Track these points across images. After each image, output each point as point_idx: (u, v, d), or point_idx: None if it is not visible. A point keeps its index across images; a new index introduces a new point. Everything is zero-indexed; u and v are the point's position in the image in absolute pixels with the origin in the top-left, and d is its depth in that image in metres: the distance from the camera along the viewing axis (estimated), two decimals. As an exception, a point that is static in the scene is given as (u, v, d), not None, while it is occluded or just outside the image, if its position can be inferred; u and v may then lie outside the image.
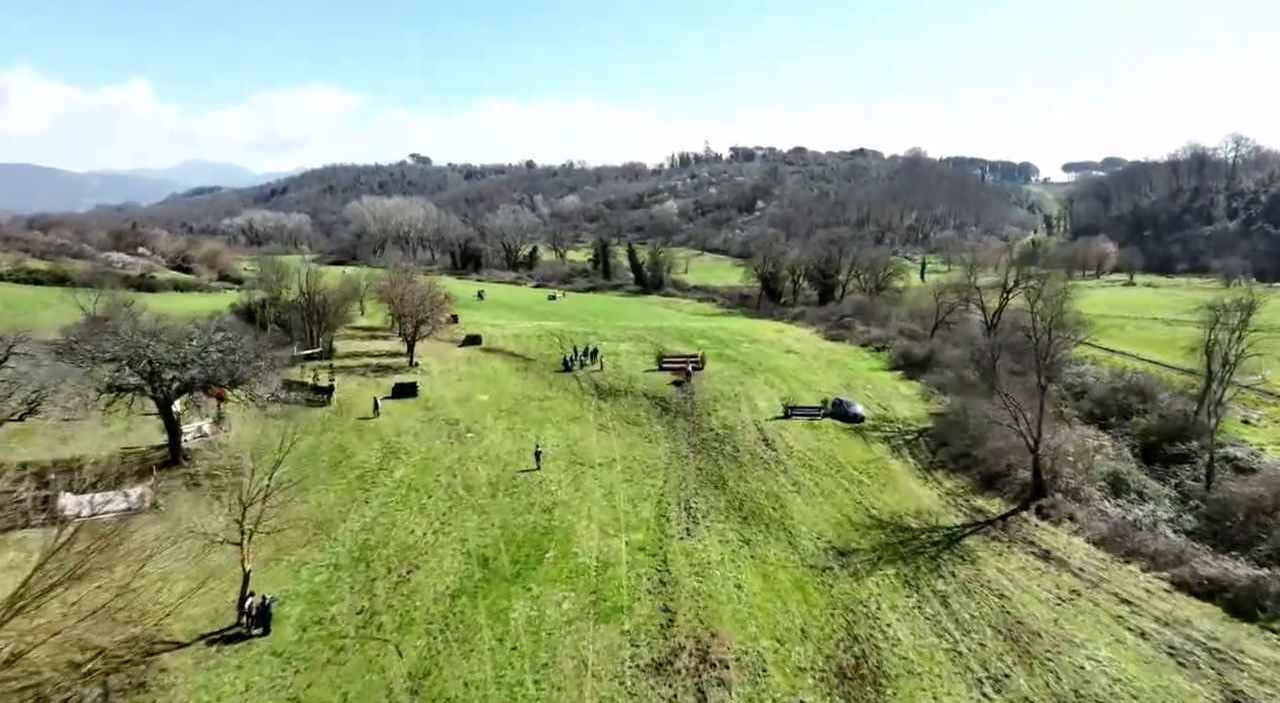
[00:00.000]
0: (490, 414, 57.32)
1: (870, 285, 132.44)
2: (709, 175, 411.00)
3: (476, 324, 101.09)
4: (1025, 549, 38.77)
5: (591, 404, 62.98)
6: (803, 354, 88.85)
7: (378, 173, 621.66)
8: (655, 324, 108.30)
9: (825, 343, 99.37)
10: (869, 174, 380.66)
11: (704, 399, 64.76)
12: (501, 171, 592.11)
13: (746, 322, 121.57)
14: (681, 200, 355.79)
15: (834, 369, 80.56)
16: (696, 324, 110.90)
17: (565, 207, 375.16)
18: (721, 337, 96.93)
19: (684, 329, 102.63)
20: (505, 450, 49.91)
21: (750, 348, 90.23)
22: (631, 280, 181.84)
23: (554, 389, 67.33)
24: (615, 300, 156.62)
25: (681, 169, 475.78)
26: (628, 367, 76.28)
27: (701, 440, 54.98)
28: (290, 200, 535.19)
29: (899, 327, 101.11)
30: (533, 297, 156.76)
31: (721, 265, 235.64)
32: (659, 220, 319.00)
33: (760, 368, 77.71)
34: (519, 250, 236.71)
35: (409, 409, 56.58)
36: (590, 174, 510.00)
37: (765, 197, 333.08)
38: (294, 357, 66.68)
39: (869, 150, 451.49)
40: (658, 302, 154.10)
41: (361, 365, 69.60)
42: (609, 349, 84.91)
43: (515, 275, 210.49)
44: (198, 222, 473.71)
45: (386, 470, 44.61)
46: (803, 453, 52.71)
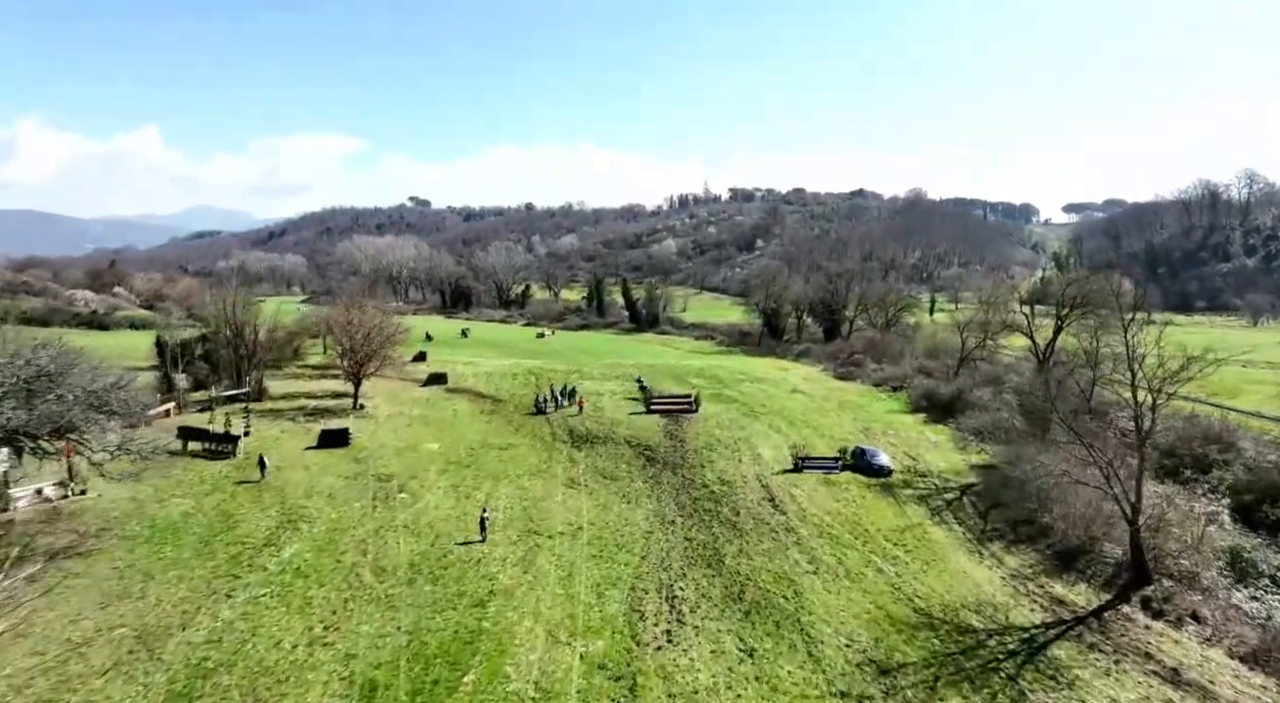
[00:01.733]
0: (435, 467, 46.61)
1: (880, 321, 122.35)
2: (708, 215, 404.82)
3: (447, 362, 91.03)
4: (1141, 666, 27.80)
5: (563, 454, 52.34)
6: (811, 395, 78.40)
7: (376, 215, 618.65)
8: (650, 362, 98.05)
9: (835, 382, 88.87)
10: (869, 213, 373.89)
11: (698, 447, 54.19)
12: (500, 213, 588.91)
13: (747, 360, 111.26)
14: (680, 240, 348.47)
15: (847, 412, 70.03)
16: (693, 362, 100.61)
17: (562, 246, 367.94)
18: (720, 375, 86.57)
19: (679, 367, 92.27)
20: (443, 515, 39.12)
21: (752, 388, 79.80)
22: (626, 318, 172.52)
23: (521, 435, 56.78)
24: (609, 338, 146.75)
25: (680, 210, 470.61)
26: (611, 409, 65.82)
27: (693, 500, 44.23)
28: (288, 242, 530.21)
29: (915, 364, 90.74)
30: (521, 335, 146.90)
31: (721, 304, 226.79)
32: (657, 259, 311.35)
33: (764, 410, 67.22)
34: (511, 289, 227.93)
35: (333, 462, 45.87)
36: (589, 215, 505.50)
37: (765, 235, 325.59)
38: (211, 399, 56.14)
39: (869, 191, 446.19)
40: (653, 339, 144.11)
41: (296, 409, 59.03)
42: (592, 389, 74.51)
43: (506, 314, 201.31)
44: (194, 264, 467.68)
45: (274, 547, 33.79)
46: (819, 517, 41.93)
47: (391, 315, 74.24)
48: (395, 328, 67.24)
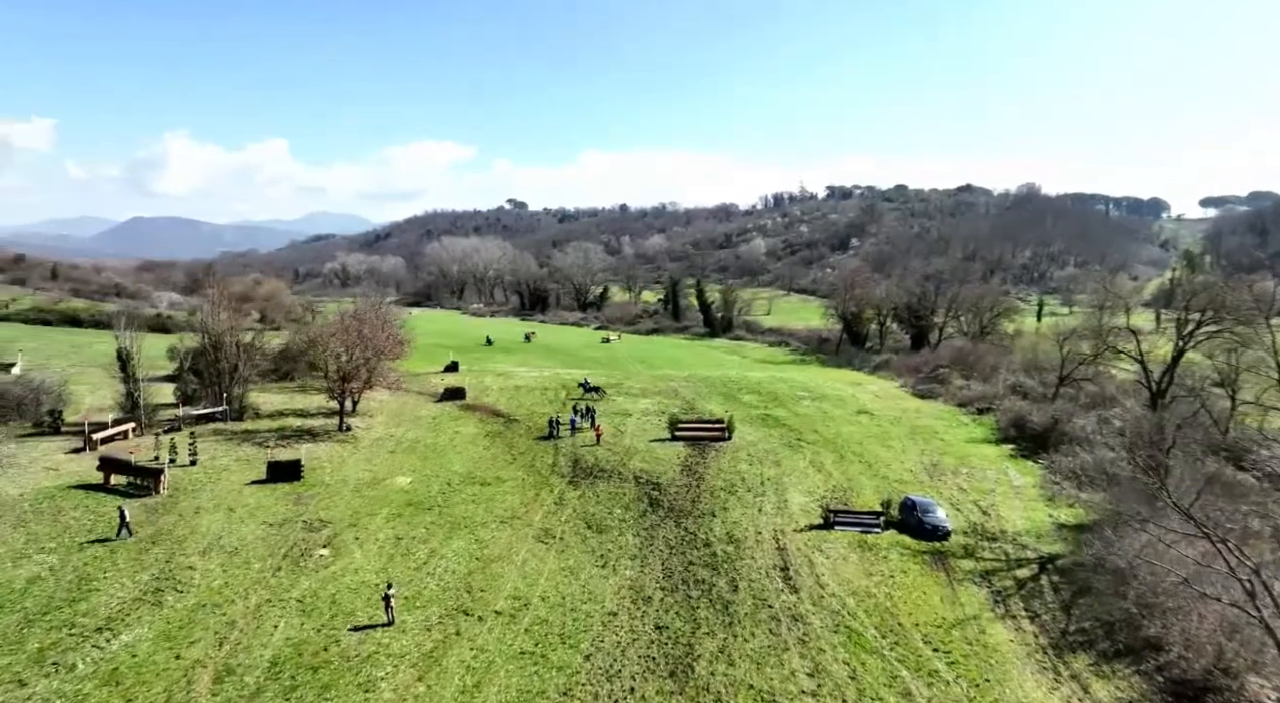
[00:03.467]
0: (388, 511, 39.24)
1: (973, 329, 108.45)
2: (800, 214, 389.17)
3: (481, 371, 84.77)
4: None
5: (554, 492, 44.16)
6: (878, 415, 67.51)
7: (474, 218, 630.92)
8: (705, 373, 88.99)
9: (911, 401, 77.17)
10: (976, 210, 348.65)
11: (716, 487, 45.00)
12: (594, 215, 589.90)
13: (819, 371, 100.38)
14: (770, 239, 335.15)
15: (917, 439, 58.99)
16: (755, 374, 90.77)
17: (650, 247, 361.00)
18: (778, 391, 76.70)
19: (736, 380, 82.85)
20: (357, 583, 31.44)
21: (811, 407, 69.65)
22: (702, 322, 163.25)
23: (516, 466, 49.00)
24: (676, 344, 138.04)
25: (774, 209, 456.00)
26: (634, 432, 57.40)
27: (686, 565, 35.14)
28: (392, 245, 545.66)
29: (1009, 381, 77.89)
30: (587, 339, 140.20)
31: (808, 306, 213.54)
32: (745, 260, 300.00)
33: (813, 438, 57.22)
34: (588, 291, 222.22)
35: (271, 502, 39.14)
36: (680, 216, 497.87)
37: (860, 234, 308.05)
38: (178, 418, 50.88)
39: (977, 187, 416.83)
40: (723, 346, 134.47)
41: (274, 430, 53.11)
42: (621, 407, 66.36)
43: (581, 317, 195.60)
44: (305, 267, 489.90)
45: (110, 632, 26.31)
46: (841, 599, 32.09)
47: (392, 323, 67.65)
48: (388, 339, 60.48)
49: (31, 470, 40.02)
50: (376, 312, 66.92)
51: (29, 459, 41.80)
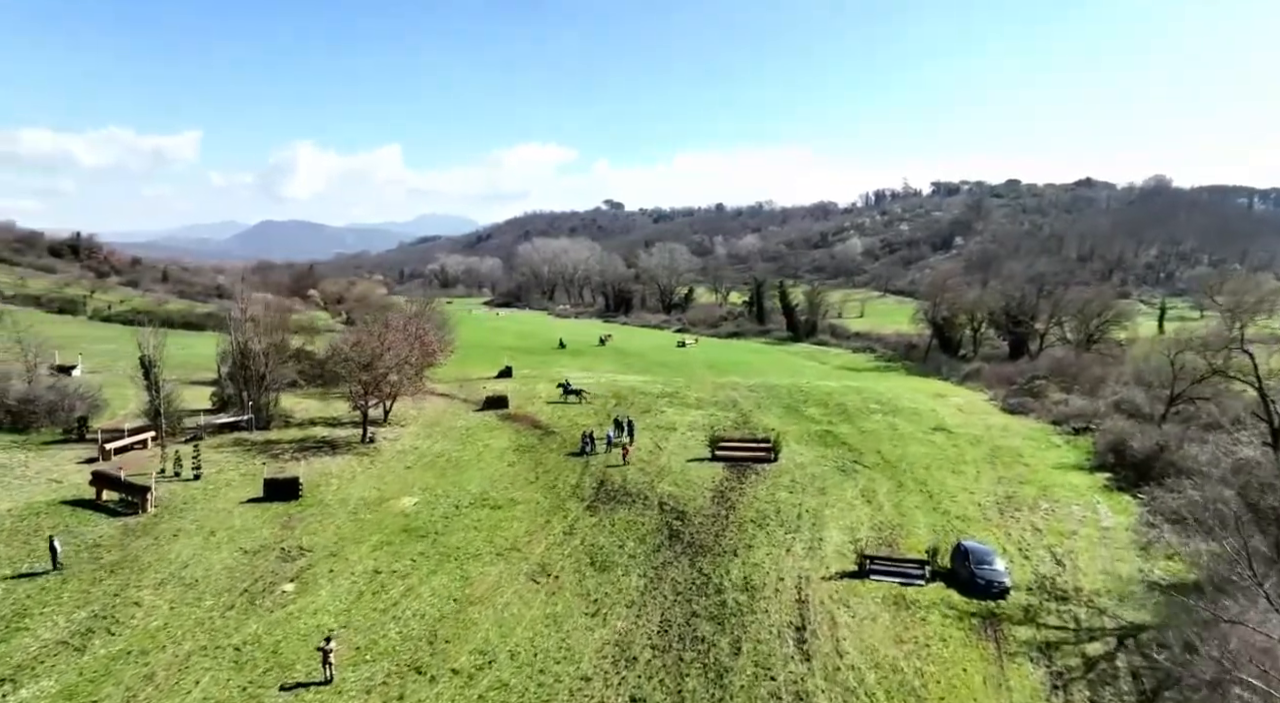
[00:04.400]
0: (378, 538, 36.31)
1: (1080, 336, 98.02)
2: (901, 211, 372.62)
3: (535, 378, 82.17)
4: None
5: (566, 519, 40.37)
6: (956, 434, 60.64)
7: (571, 219, 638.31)
8: (774, 381, 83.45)
9: (999, 417, 69.39)
10: (1096, 205, 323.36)
11: (746, 519, 40.15)
12: (690, 214, 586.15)
13: (901, 380, 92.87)
14: (868, 238, 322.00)
15: (995, 464, 52.11)
16: (828, 383, 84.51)
17: (743, 247, 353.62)
18: (848, 403, 70.62)
19: (805, 390, 77.08)
20: (315, 625, 28.39)
21: (880, 423, 63.42)
22: (786, 325, 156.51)
23: (535, 486, 45.52)
24: (754, 348, 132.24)
25: (874, 206, 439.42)
26: (674, 450, 53.08)
27: (688, 617, 30.59)
28: (491, 246, 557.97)
29: (1114, 397, 68.90)
30: (662, 343, 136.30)
31: (903, 309, 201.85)
32: (840, 259, 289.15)
33: (872, 459, 51.40)
34: (673, 292, 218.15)
35: (257, 525, 36.73)
36: (776, 214, 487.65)
37: (965, 232, 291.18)
38: (198, 427, 49.85)
39: (1098, 180, 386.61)
40: (803, 351, 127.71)
41: (297, 441, 51.36)
42: (669, 421, 62.16)
43: (664, 318, 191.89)
44: (410, 267, 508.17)
45: (15, 683, 23.82)
46: (859, 675, 26.79)
47: (428, 330, 65.22)
48: (420, 347, 57.95)
49: (34, 483, 39.39)
50: (409, 320, 64.80)
51: (37, 470, 41.33)
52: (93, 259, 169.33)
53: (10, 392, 46.87)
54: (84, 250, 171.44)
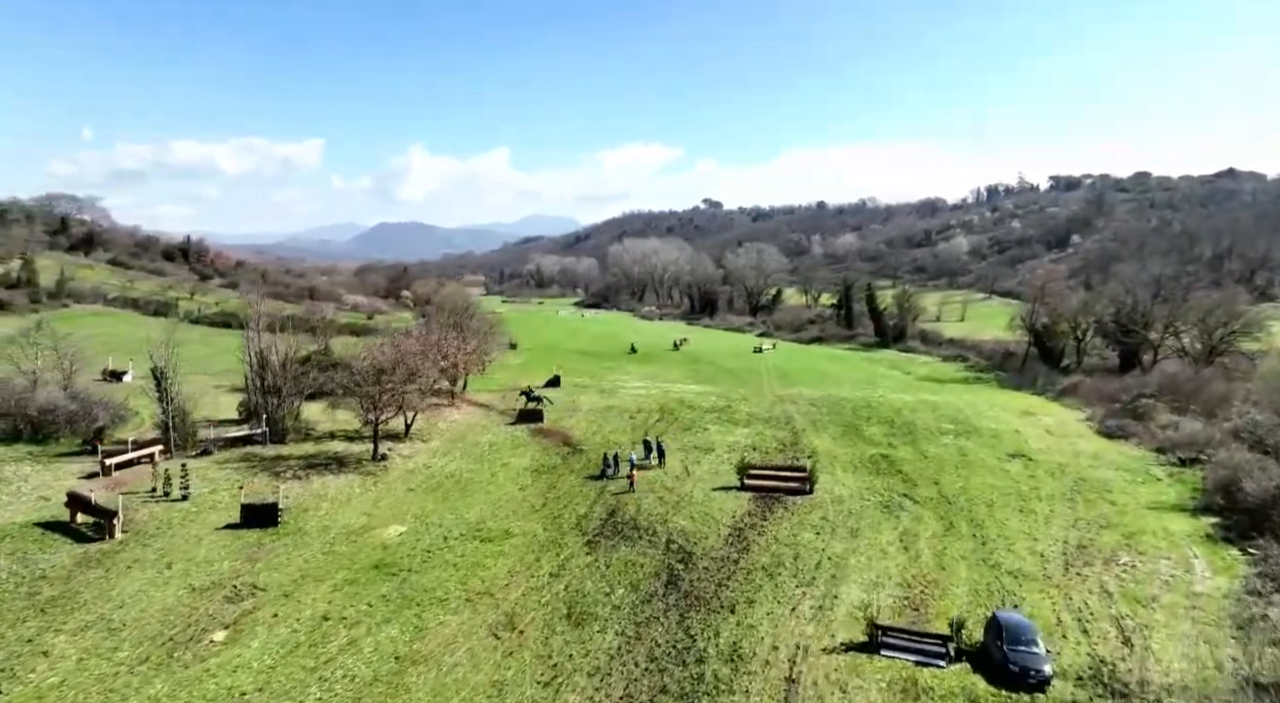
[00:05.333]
0: (344, 575, 33.40)
1: (1201, 347, 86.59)
2: (1014, 207, 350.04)
3: (586, 387, 79.03)
4: None
5: (559, 557, 36.58)
6: (1037, 462, 53.51)
7: (668, 218, 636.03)
8: (842, 394, 77.47)
9: (1092, 441, 61.19)
10: (1239, 198, 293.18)
11: (757, 564, 35.36)
12: (790, 212, 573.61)
13: (989, 394, 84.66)
14: (975, 236, 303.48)
15: (1077, 502, 45.04)
16: (903, 396, 77.70)
17: (840, 246, 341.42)
18: (917, 422, 64.31)
19: (873, 405, 71.01)
20: (227, 688, 25.28)
21: (948, 447, 56.98)
22: (873, 330, 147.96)
23: (538, 516, 42.02)
24: (834, 355, 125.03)
25: (985, 202, 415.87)
26: (704, 475, 48.65)
27: (655, 694, 26.13)
28: (589, 246, 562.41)
29: (1235, 423, 59.39)
30: (738, 347, 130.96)
31: (1008, 311, 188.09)
32: (943, 259, 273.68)
33: (926, 492, 45.49)
34: (760, 294, 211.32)
35: (223, 554, 34.34)
36: (880, 212, 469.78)
37: (1083, 230, 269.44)
38: (209, 442, 48.57)
39: (1241, 171, 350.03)
40: (887, 359, 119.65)
41: (308, 455, 49.48)
42: (711, 439, 57.73)
43: (748, 321, 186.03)
44: (509, 267, 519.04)
45: None
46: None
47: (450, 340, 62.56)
48: (431, 363, 55.16)
49: (22, 500, 38.72)
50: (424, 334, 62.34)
51: (34, 485, 40.83)
52: (200, 262, 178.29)
53: (33, 401, 47.01)
54: (193, 254, 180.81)
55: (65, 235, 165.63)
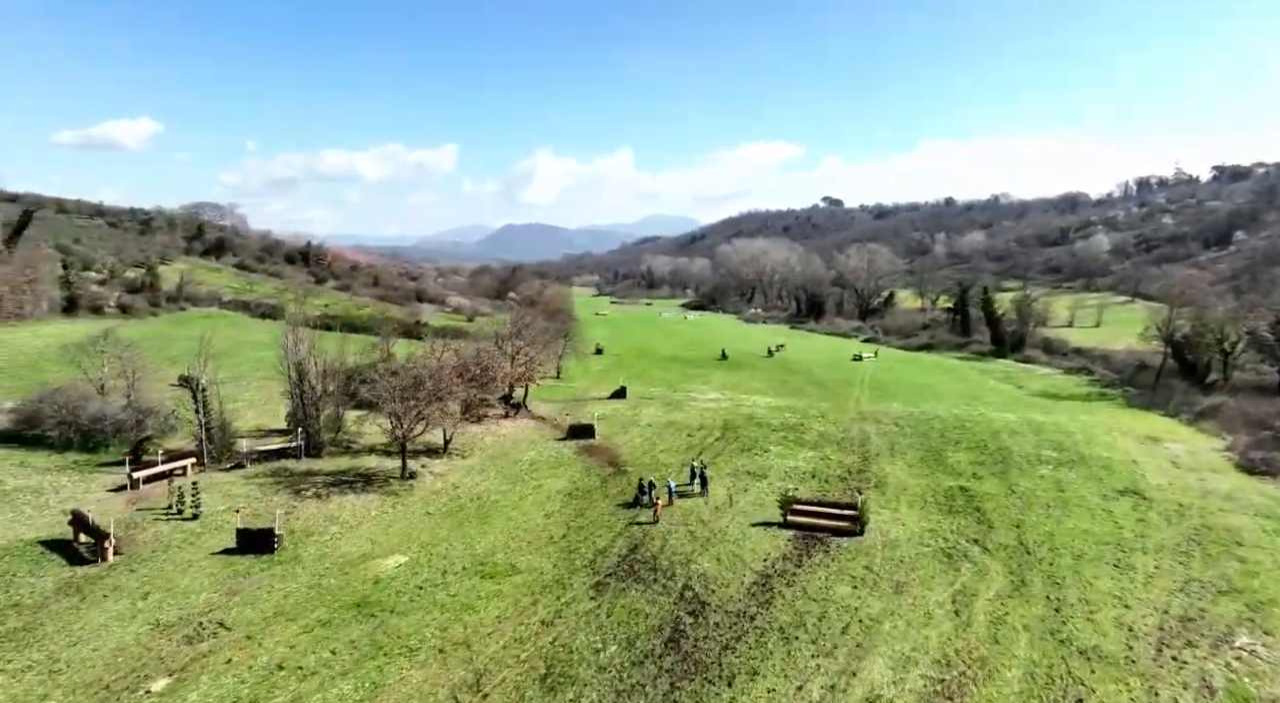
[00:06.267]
0: (320, 614, 30.99)
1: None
2: (1165, 202, 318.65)
3: (648, 401, 75.70)
4: None
5: (557, 602, 33.03)
6: (1153, 501, 45.85)
7: (785, 217, 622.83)
8: (937, 411, 70.94)
9: (1228, 477, 52.07)
10: None
11: (776, 623, 30.71)
12: (915, 209, 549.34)
13: (1111, 414, 75.09)
14: (1119, 234, 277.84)
15: (1194, 557, 37.59)
16: (1006, 415, 70.00)
17: (965, 245, 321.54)
18: (1015, 448, 57.58)
19: (967, 425, 64.37)
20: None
21: (1043, 479, 49.99)
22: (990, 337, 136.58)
23: (551, 550, 38.69)
24: (941, 365, 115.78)
25: (1134, 195, 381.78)
26: (744, 508, 44.18)
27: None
28: (704, 246, 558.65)
29: None
30: (837, 355, 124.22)
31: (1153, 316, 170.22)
32: (1081, 259, 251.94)
33: (1003, 538, 39.35)
34: (871, 297, 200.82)
35: (208, 584, 32.45)
36: (1013, 208, 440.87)
37: (1250, 225, 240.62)
38: (242, 455, 47.90)
39: None
40: (1000, 370, 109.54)
41: (338, 472, 47.71)
42: (766, 463, 53.20)
43: (855, 326, 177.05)
44: (624, 268, 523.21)
45: None
46: None
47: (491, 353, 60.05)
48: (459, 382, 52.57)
49: (44, 514, 38.68)
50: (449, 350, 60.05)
51: (63, 498, 40.84)
52: (318, 265, 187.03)
53: (84, 410, 48.11)
54: (313, 257, 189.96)
55: (200, 241, 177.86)
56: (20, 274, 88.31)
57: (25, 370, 64.49)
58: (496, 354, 60.90)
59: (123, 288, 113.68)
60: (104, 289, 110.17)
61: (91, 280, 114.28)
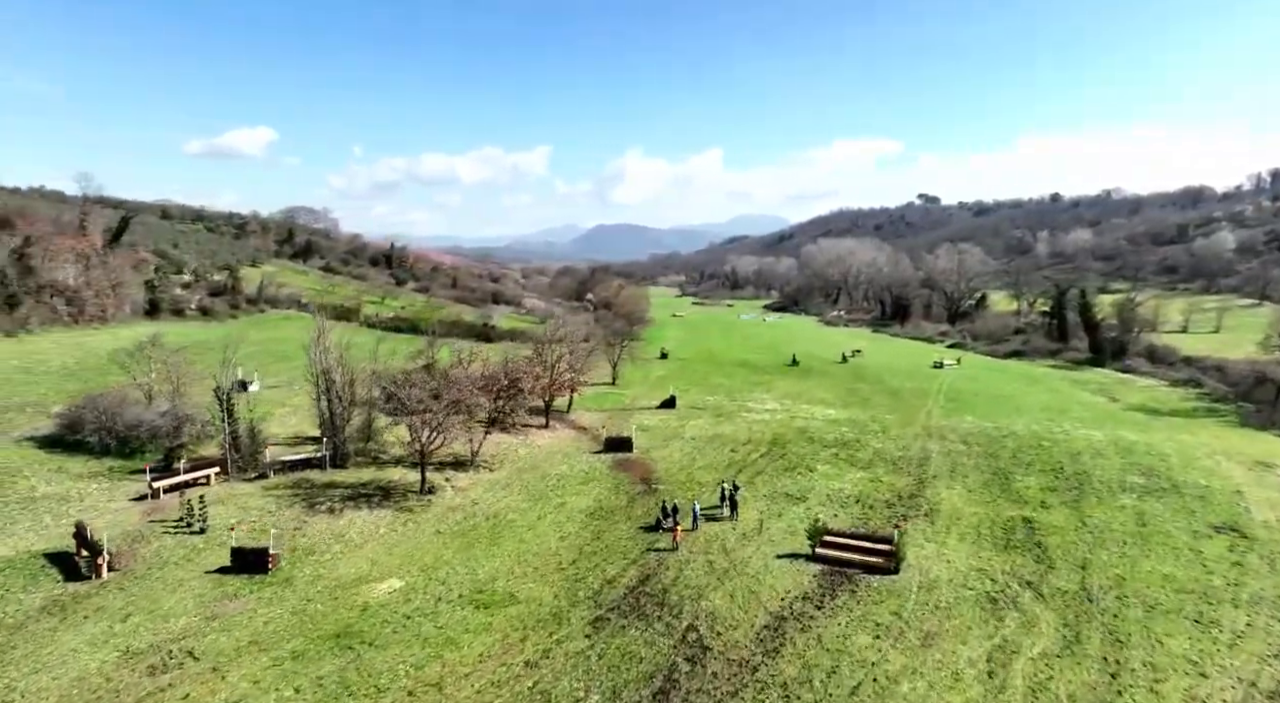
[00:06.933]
0: (294, 645, 29.32)
1: None
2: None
3: (699, 411, 72.64)
4: None
5: (548, 639, 30.36)
6: (1255, 539, 40.28)
7: (877, 215, 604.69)
8: (1013, 427, 65.72)
9: (1351, 517, 45.03)
10: None
11: (779, 677, 27.31)
12: (1017, 206, 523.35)
13: (1214, 434, 67.56)
14: (1246, 231, 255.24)
15: (1293, 616, 31.98)
16: (1092, 433, 63.90)
17: (1070, 243, 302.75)
18: (1096, 471, 52.42)
19: (1045, 444, 59.28)
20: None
21: (1125, 509, 44.69)
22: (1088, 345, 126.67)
23: (558, 578, 36.10)
24: (1028, 375, 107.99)
25: (1267, 189, 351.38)
26: (774, 536, 40.68)
27: None
28: (792, 246, 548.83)
29: None
30: (917, 362, 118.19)
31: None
32: (1201, 258, 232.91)
33: (1066, 579, 34.78)
34: (961, 299, 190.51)
35: (192, 606, 31.13)
36: (1126, 203, 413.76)
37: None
38: (266, 465, 47.35)
39: None
40: (1096, 381, 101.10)
41: (359, 484, 46.37)
42: (809, 484, 49.45)
43: (941, 330, 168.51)
44: (710, 268, 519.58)
45: None
46: None
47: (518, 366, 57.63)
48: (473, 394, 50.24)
49: (58, 523, 38.14)
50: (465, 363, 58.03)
51: (84, 506, 40.58)
52: (401, 267, 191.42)
53: (121, 416, 48.74)
54: (395, 259, 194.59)
55: (290, 244, 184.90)
56: (106, 278, 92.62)
57: (91, 373, 66.88)
58: (526, 364, 58.91)
59: (205, 291, 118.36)
60: (187, 292, 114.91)
61: (178, 283, 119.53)
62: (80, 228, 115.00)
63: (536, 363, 59.21)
